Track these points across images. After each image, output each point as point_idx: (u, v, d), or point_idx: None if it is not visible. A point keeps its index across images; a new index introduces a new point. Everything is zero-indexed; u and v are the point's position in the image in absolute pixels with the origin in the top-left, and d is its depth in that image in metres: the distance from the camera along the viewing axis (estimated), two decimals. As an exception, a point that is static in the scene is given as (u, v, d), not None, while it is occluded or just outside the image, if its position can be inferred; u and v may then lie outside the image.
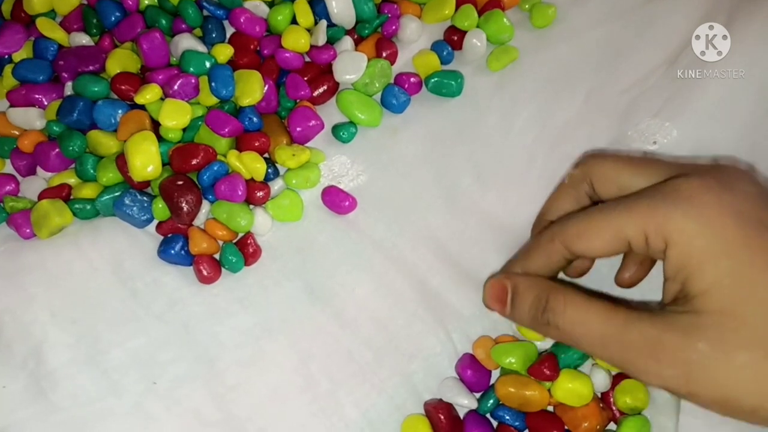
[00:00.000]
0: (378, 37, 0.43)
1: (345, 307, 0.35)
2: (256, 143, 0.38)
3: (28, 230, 0.36)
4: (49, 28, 0.41)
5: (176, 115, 0.37)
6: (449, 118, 0.41)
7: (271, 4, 0.42)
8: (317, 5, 0.42)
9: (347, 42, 0.42)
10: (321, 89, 0.41)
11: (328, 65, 0.41)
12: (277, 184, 0.38)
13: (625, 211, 0.29)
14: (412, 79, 0.42)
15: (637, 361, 0.27)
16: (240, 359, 0.34)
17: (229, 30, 0.42)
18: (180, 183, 0.35)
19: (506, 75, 0.42)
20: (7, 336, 0.34)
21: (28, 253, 0.36)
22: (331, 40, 0.42)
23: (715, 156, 0.39)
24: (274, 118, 0.40)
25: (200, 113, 0.38)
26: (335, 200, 0.38)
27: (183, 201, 0.35)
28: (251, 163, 0.37)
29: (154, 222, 0.37)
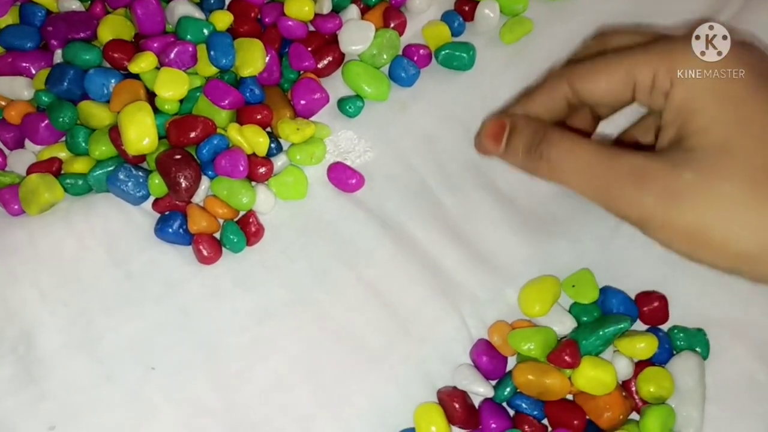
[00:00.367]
0: (385, 6, 0.40)
1: (352, 290, 0.34)
2: (258, 116, 0.36)
3: (16, 206, 0.34)
4: (37, -8, 0.39)
5: (173, 86, 0.35)
6: (460, 92, 0.39)
7: (274, -30, 0.40)
8: (322, -29, 0.39)
9: (353, 11, 0.39)
10: (326, 60, 0.39)
11: (333, 35, 0.39)
12: (280, 159, 0.36)
13: (640, 53, 0.29)
14: (421, 51, 0.40)
15: (619, 190, 0.27)
16: (242, 344, 0.32)
17: (229, -4, 0.40)
18: (178, 157, 0.33)
19: (520, 47, 0.41)
20: (-5, 318, 0.32)
21: (16, 230, 0.34)
22: (336, 8, 0.40)
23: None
24: (277, 90, 0.38)
25: (198, 84, 0.36)
26: (342, 177, 0.36)
27: (181, 176, 0.33)
28: (253, 137, 0.35)
29: (150, 199, 0.35)
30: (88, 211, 0.34)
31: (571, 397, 0.32)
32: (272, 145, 0.36)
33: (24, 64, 0.37)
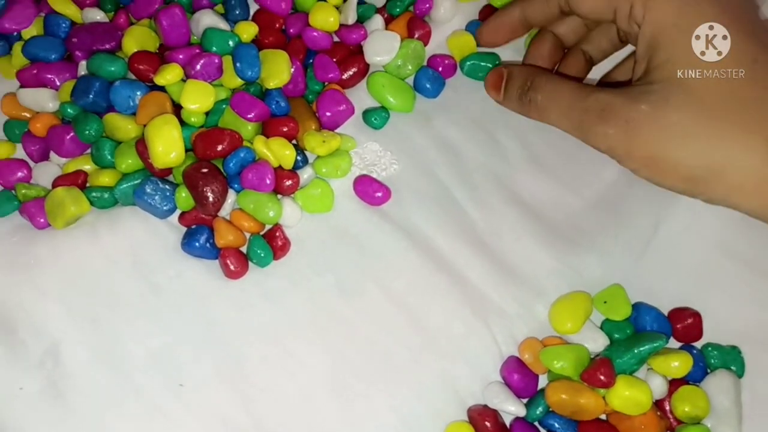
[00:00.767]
0: (410, 16, 0.40)
1: (379, 304, 0.33)
2: (284, 128, 0.35)
3: (42, 220, 0.34)
4: (61, 2, 0.38)
5: (199, 98, 0.35)
6: (486, 103, 0.38)
7: (298, -20, 0.40)
8: (347, -19, 0.39)
9: (378, 21, 0.39)
10: (351, 71, 0.38)
11: (358, 46, 0.39)
12: (307, 172, 0.36)
13: None
14: (446, 62, 0.39)
15: (589, 123, 0.30)
16: (268, 359, 0.32)
17: (253, 7, 0.40)
18: (205, 171, 0.33)
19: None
20: (22, 333, 0.32)
21: (42, 244, 0.34)
22: (361, 18, 0.39)
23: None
24: (302, 101, 0.37)
25: (224, 96, 0.36)
26: (368, 190, 0.36)
27: (208, 190, 0.33)
28: (279, 150, 0.35)
29: (177, 212, 0.35)
30: (114, 225, 0.34)
31: (604, 416, 0.31)
32: (298, 157, 0.35)
33: (49, 76, 0.37)
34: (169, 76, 0.35)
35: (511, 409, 0.31)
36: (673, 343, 0.33)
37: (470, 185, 0.36)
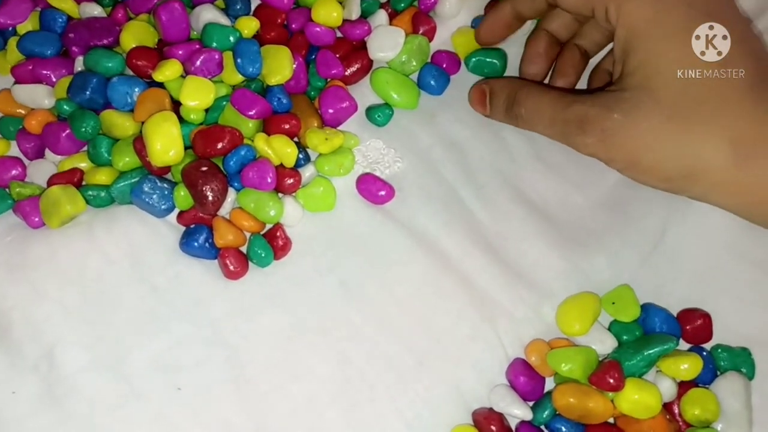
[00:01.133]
0: (414, 12, 0.39)
1: (384, 306, 0.33)
2: (286, 126, 0.35)
3: (36, 219, 0.33)
4: (58, -3, 0.38)
5: (199, 94, 0.34)
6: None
7: (300, -26, 0.39)
8: (350, -25, 0.38)
9: (382, 16, 0.38)
10: (354, 67, 0.38)
11: (361, 41, 0.38)
12: (308, 170, 0.35)
13: None
14: (450, 58, 0.39)
15: (570, 135, 0.32)
16: (271, 362, 0.31)
17: (255, 1, 0.39)
18: (204, 169, 0.32)
19: (554, 52, 0.39)
20: (17, 336, 0.31)
21: (37, 244, 0.33)
22: (364, 13, 0.39)
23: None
24: (304, 98, 0.37)
25: (224, 92, 0.35)
26: (371, 189, 0.35)
27: (208, 189, 0.32)
28: (281, 148, 0.34)
29: (175, 211, 0.34)
30: (111, 224, 0.33)
31: (612, 420, 0.30)
32: (300, 155, 0.35)
33: (44, 72, 0.36)
34: (168, 72, 0.34)
35: (517, 412, 0.30)
36: (682, 344, 0.32)
37: (476, 184, 0.36)
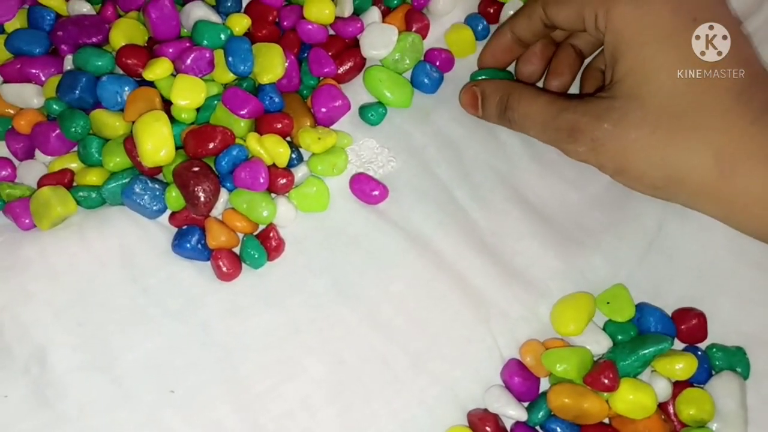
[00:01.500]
0: (407, 9, 0.39)
1: (378, 307, 0.32)
2: (279, 125, 0.34)
3: (27, 220, 0.33)
4: (46, -6, 0.37)
5: (189, 93, 0.34)
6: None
7: (292, -29, 0.39)
8: (342, -28, 0.38)
9: (375, 13, 0.38)
10: (347, 65, 0.37)
11: (354, 39, 0.38)
12: (301, 170, 0.35)
13: None
14: (444, 56, 0.38)
15: (561, 141, 0.33)
16: (264, 364, 0.31)
17: (246, -2, 0.38)
18: (196, 169, 0.32)
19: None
20: (7, 338, 0.31)
21: (27, 245, 0.32)
22: (357, 10, 0.38)
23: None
24: (296, 97, 0.36)
25: (215, 91, 0.35)
26: (364, 189, 0.35)
27: (199, 189, 0.32)
28: (273, 148, 0.34)
29: (167, 212, 0.34)
30: (102, 226, 0.33)
31: (607, 420, 0.30)
32: (293, 155, 0.35)
33: (33, 71, 0.36)
34: (158, 70, 0.34)
35: (511, 413, 0.30)
36: (677, 344, 0.32)
37: (471, 183, 0.36)
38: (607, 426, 0.30)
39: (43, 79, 0.35)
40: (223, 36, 0.35)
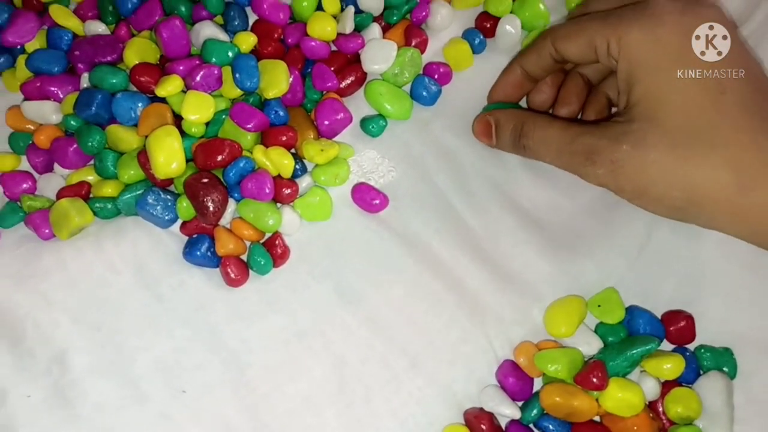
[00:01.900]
0: (407, 25, 0.41)
1: (378, 310, 0.34)
2: (283, 138, 0.36)
3: (47, 231, 0.35)
4: (63, 15, 0.39)
5: (199, 109, 0.35)
6: (482, 109, 0.39)
7: (296, -10, 0.40)
8: (344, -10, 0.40)
9: (375, 30, 0.40)
10: (348, 80, 0.39)
11: (355, 54, 0.39)
12: (305, 181, 0.36)
13: (600, 21, 0.33)
14: (442, 69, 0.40)
15: (579, 165, 0.32)
16: (270, 365, 0.33)
17: (252, 17, 0.40)
18: (205, 181, 0.34)
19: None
20: (30, 342, 0.32)
21: (47, 254, 0.34)
22: (358, 27, 0.40)
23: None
24: (300, 110, 0.38)
25: (223, 106, 0.37)
26: (366, 198, 0.36)
27: (209, 200, 0.33)
28: (278, 159, 0.35)
29: (178, 222, 0.35)
30: (117, 235, 0.35)
31: (598, 418, 0.32)
32: (297, 166, 0.36)
33: (52, 89, 0.37)
34: (169, 87, 0.35)
35: (506, 411, 0.31)
36: (667, 345, 0.34)
37: (467, 191, 0.37)
38: (597, 423, 0.31)
39: (61, 96, 0.37)
40: (230, 54, 0.37)
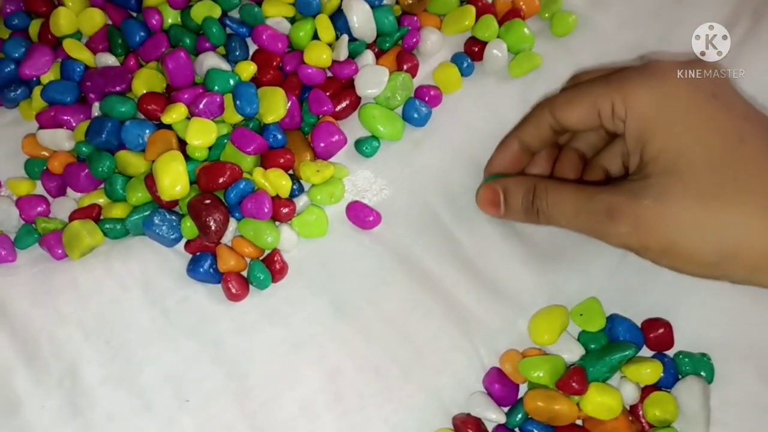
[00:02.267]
0: (399, 50, 0.43)
1: (371, 322, 0.36)
2: (281, 160, 0.38)
3: (60, 251, 0.37)
4: (76, 49, 0.42)
5: (202, 134, 0.37)
6: (471, 128, 0.41)
7: (293, 20, 0.43)
8: (338, 20, 0.42)
9: (368, 56, 0.42)
10: (343, 104, 0.41)
11: (350, 80, 0.41)
12: (302, 200, 0.38)
13: (602, 84, 0.33)
14: (432, 92, 0.42)
15: (599, 225, 0.31)
16: (269, 375, 0.35)
17: (252, 47, 0.42)
18: (207, 202, 0.36)
19: (529, 83, 0.43)
20: (44, 355, 0.35)
21: (60, 273, 0.37)
22: (352, 54, 0.42)
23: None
24: (298, 133, 0.40)
25: (225, 131, 0.39)
26: (360, 215, 0.38)
27: (211, 219, 0.36)
28: (276, 180, 0.37)
29: (183, 241, 0.37)
30: (126, 254, 0.37)
31: (580, 422, 0.33)
32: (294, 186, 0.38)
33: (65, 117, 0.40)
34: (174, 114, 0.38)
35: (492, 416, 0.33)
36: (647, 352, 0.35)
37: (456, 208, 0.39)
38: (579, 427, 0.33)
39: (73, 124, 0.40)
40: (232, 82, 0.39)
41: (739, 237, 0.28)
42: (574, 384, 0.32)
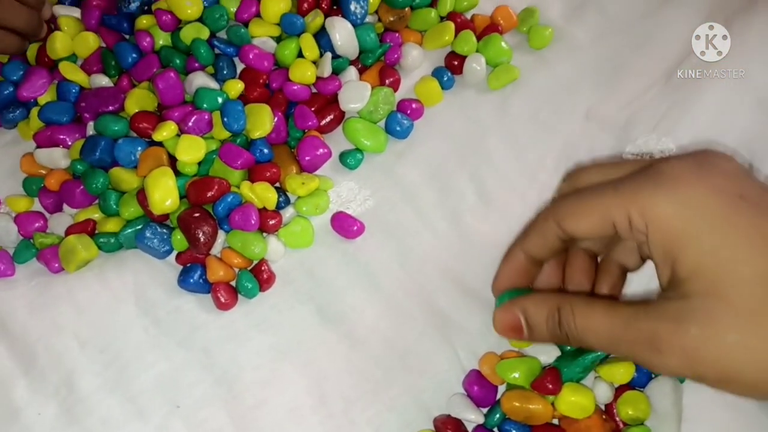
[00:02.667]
0: (381, 66, 0.44)
1: (355, 328, 0.37)
2: (268, 174, 0.40)
3: (56, 265, 0.39)
4: (71, 71, 0.43)
5: (192, 150, 0.39)
6: (452, 140, 0.43)
7: (279, 40, 0.44)
8: (322, 38, 0.43)
9: (352, 72, 0.43)
10: (328, 118, 0.42)
11: (333, 95, 0.43)
12: (288, 212, 0.40)
13: (612, 193, 0.30)
14: (414, 105, 0.43)
15: (643, 355, 0.28)
16: (257, 381, 0.36)
17: (240, 66, 0.44)
18: (197, 215, 0.37)
19: (507, 96, 0.44)
20: (42, 364, 0.36)
21: (57, 286, 0.38)
22: (336, 70, 0.44)
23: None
24: (284, 148, 0.42)
25: (214, 147, 0.40)
26: (344, 225, 0.40)
27: (200, 232, 0.37)
28: (263, 193, 0.39)
29: (174, 253, 0.39)
30: (119, 267, 0.38)
31: (556, 421, 0.34)
32: (280, 199, 0.40)
33: (61, 137, 0.41)
34: (165, 132, 0.39)
35: (471, 417, 0.34)
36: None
37: (437, 216, 0.40)
38: (555, 426, 0.34)
39: (69, 143, 0.41)
40: (220, 99, 0.41)
41: None
42: (548, 384, 0.33)
